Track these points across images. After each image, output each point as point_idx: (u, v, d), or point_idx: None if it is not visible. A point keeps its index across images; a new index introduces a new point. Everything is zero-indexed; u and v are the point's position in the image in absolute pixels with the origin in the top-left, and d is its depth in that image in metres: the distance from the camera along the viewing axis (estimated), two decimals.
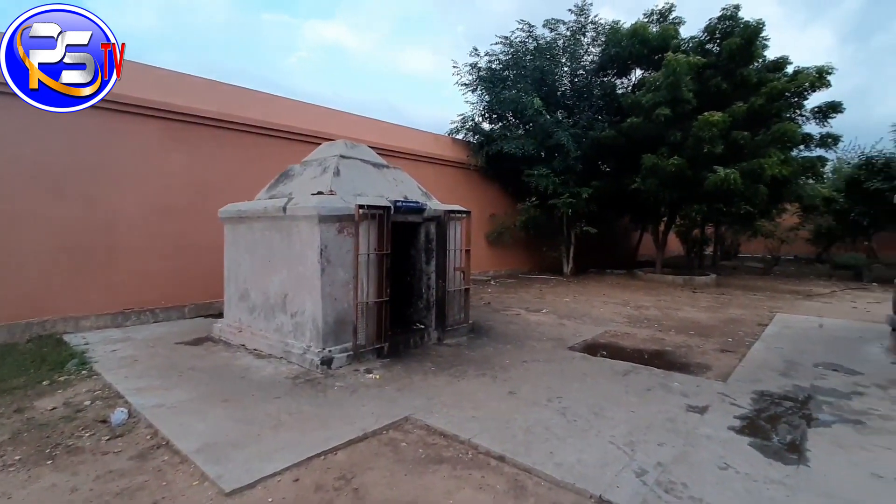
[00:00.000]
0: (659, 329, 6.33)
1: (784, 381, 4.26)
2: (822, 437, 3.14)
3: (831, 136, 11.63)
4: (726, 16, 10.80)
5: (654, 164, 9.88)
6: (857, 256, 14.71)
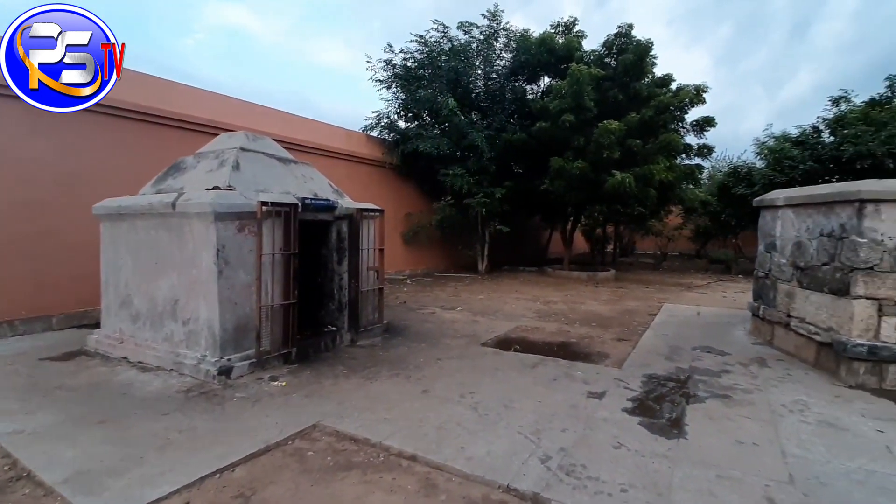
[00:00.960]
0: (565, 322, 6.76)
1: (668, 364, 4.77)
2: (697, 412, 3.56)
3: (706, 146, 13.31)
4: (621, 33, 11.86)
5: (560, 166, 10.56)
6: (727, 252, 17.02)
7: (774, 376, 4.41)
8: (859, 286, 4.27)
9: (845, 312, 4.36)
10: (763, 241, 6.16)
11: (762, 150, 15.00)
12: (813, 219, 5.01)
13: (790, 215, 5.47)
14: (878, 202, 4.25)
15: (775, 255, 5.74)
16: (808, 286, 4.99)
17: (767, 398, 3.83)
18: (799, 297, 5.14)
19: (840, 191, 4.68)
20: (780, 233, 5.68)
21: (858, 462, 2.81)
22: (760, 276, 6.12)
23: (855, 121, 13.07)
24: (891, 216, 4.22)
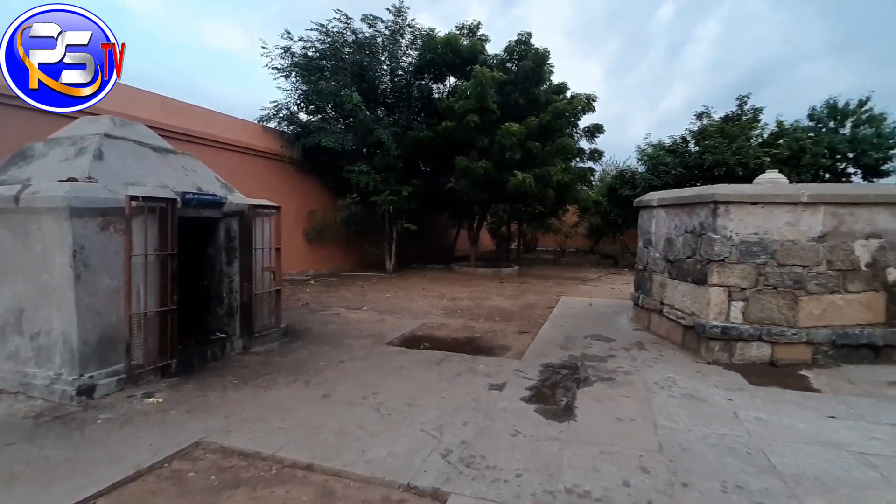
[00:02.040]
0: (470, 318, 6.97)
1: (563, 353, 5.14)
2: (586, 395, 3.87)
3: (597, 151, 14.62)
4: (521, 40, 12.52)
5: (465, 166, 10.87)
6: (616, 248, 18.89)
7: (650, 358, 4.97)
8: (714, 276, 4.98)
9: (704, 299, 5.05)
10: (642, 238, 6.91)
11: (643, 156, 16.89)
12: (680, 218, 5.73)
13: (662, 214, 6.21)
14: (728, 204, 4.98)
15: (651, 250, 6.47)
16: (676, 277, 5.69)
17: (644, 378, 4.30)
18: (669, 286, 5.85)
19: (699, 193, 5.41)
20: (654, 230, 6.42)
21: (712, 428, 3.27)
22: (640, 269, 6.87)
23: (713, 134, 15.27)
24: (737, 216, 4.97)
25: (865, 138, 19.86)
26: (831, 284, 4.88)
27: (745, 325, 4.89)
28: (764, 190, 5.19)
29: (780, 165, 15.16)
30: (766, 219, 4.93)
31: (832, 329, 4.84)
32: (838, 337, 4.81)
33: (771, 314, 4.90)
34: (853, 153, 19.91)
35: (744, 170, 13.69)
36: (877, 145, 19.54)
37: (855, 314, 4.91)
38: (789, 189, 5.26)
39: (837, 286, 4.88)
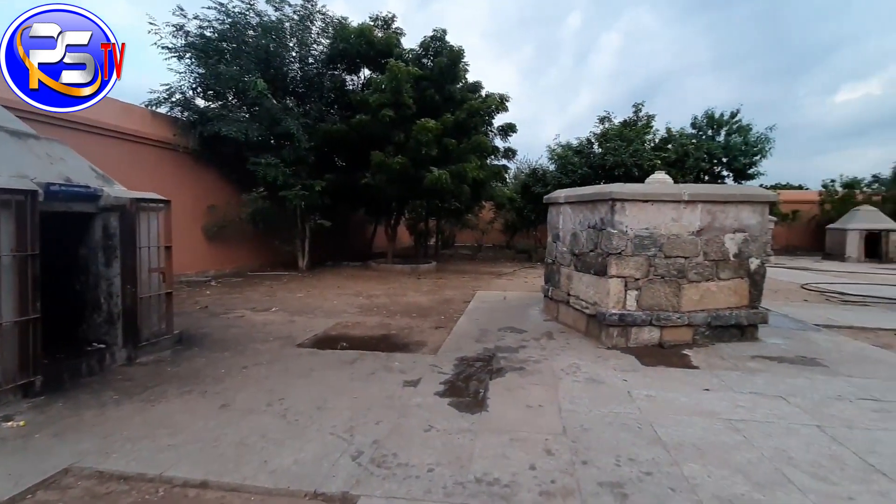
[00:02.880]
0: (387, 315, 6.91)
1: (478, 346, 5.28)
2: (498, 386, 4.01)
3: (511, 149, 15.24)
4: (436, 37, 12.63)
5: (381, 161, 10.73)
6: (530, 243, 19.88)
7: (558, 346, 5.29)
8: (613, 267, 5.42)
9: (604, 289, 5.48)
10: (551, 233, 7.33)
11: (553, 155, 17.94)
12: (583, 214, 6.15)
13: (568, 211, 6.62)
14: (624, 201, 5.44)
15: (559, 245, 6.88)
16: (581, 269, 6.11)
17: (552, 365, 4.56)
18: (575, 278, 6.27)
19: (599, 191, 5.85)
20: (562, 225, 6.83)
21: (609, 407, 3.56)
22: (549, 263, 7.28)
23: (613, 137, 16.66)
24: (632, 212, 5.44)
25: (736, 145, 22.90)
26: (707, 273, 5.54)
27: (638, 312, 5.39)
28: (653, 189, 5.76)
29: (668, 167, 16.98)
30: (656, 215, 5.47)
31: (708, 312, 5.50)
32: (713, 319, 5.48)
33: (659, 301, 5.45)
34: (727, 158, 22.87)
35: (639, 170, 15.11)
36: (745, 152, 22.62)
37: (725, 298, 5.62)
38: (674, 189, 5.87)
39: (712, 274, 5.56)
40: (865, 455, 2.85)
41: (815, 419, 3.37)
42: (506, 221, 21.19)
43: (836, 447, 2.96)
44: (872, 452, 2.89)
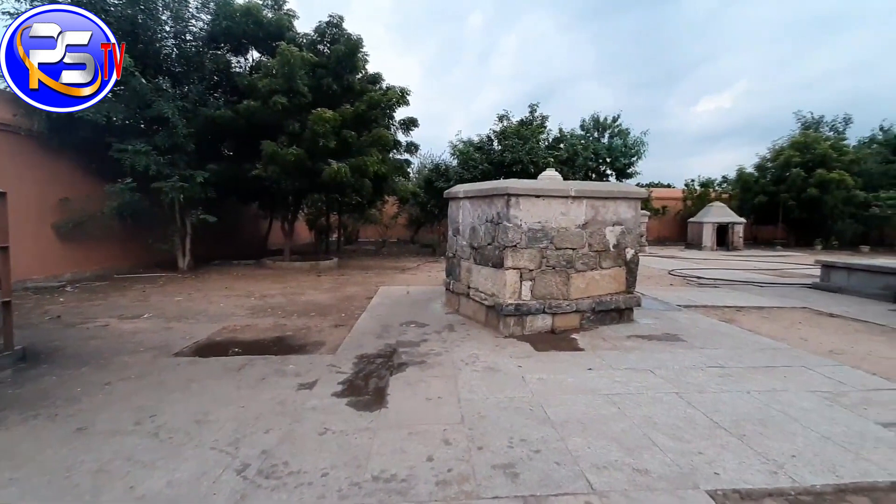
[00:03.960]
0: (282, 315, 6.54)
1: (379, 342, 5.23)
2: (398, 381, 4.01)
3: (413, 144, 15.26)
4: (333, 23, 12.18)
5: (274, 151, 10.09)
6: (434, 237, 20.19)
7: (458, 338, 5.44)
8: (509, 260, 5.70)
9: (501, 280, 5.75)
10: (451, 227, 7.49)
11: (455, 151, 18.38)
12: (482, 208, 6.38)
13: (468, 205, 6.82)
14: (518, 196, 5.74)
15: (459, 239, 7.07)
16: (480, 262, 6.34)
17: (452, 357, 4.68)
18: (475, 271, 6.49)
19: (496, 187, 6.11)
20: (462, 220, 7.02)
21: (505, 393, 3.75)
22: (450, 257, 7.44)
23: (511, 135, 17.54)
24: (526, 206, 5.76)
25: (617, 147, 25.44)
26: (591, 263, 6.08)
27: (532, 301, 5.74)
28: (544, 185, 6.15)
29: (561, 165, 18.34)
30: (547, 209, 5.85)
31: (593, 299, 6.05)
32: (597, 305, 6.03)
33: (551, 290, 5.87)
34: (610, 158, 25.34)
35: (535, 167, 16.09)
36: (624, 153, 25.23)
37: (607, 285, 6.22)
38: (563, 185, 6.34)
39: (595, 264, 6.11)
40: (711, 414, 3.35)
41: (676, 387, 3.88)
42: (410, 216, 21.28)
43: (690, 410, 3.43)
44: (717, 412, 3.40)
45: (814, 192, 22.04)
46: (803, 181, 22.43)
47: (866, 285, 8.95)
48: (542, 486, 2.44)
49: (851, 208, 22.48)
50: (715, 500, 2.38)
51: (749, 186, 25.62)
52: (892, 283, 8.40)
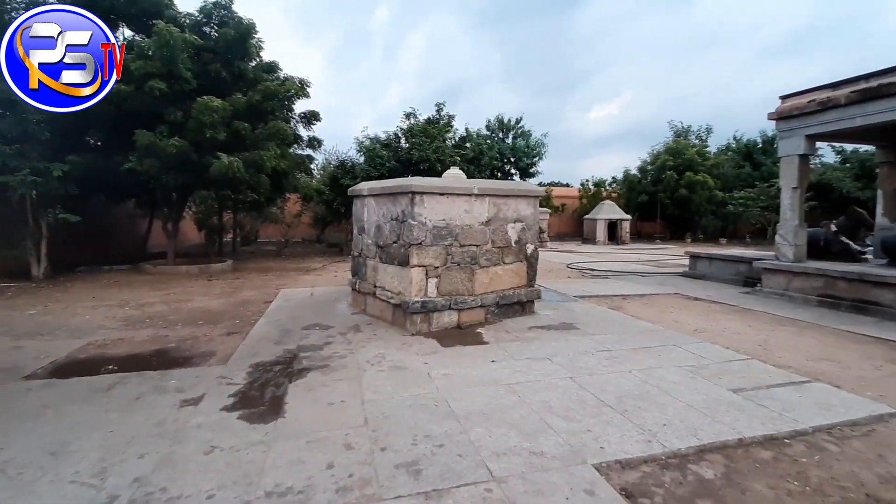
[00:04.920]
0: (164, 326, 5.91)
1: (277, 348, 4.95)
2: (299, 388, 3.83)
3: (316, 139, 14.68)
4: (221, 4, 11.25)
5: (151, 142, 9.06)
6: (341, 236, 19.63)
7: (364, 338, 5.35)
8: (414, 257, 5.72)
9: (407, 278, 5.75)
10: (356, 225, 7.34)
11: (361, 148, 18.04)
12: (386, 206, 6.33)
13: (372, 203, 6.73)
14: (423, 194, 5.78)
15: (365, 237, 6.95)
16: (386, 261, 6.29)
17: (357, 358, 4.58)
18: (381, 270, 6.42)
19: (400, 184, 6.10)
20: (367, 218, 6.90)
21: (410, 391, 3.75)
22: (355, 256, 7.29)
23: (418, 133, 17.65)
24: (430, 204, 5.82)
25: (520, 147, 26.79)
26: (495, 258, 6.33)
27: (438, 298, 5.83)
28: (449, 183, 6.28)
29: (467, 164, 18.88)
30: (451, 207, 5.97)
31: (496, 293, 6.30)
32: (500, 299, 6.29)
33: (457, 286, 6.00)
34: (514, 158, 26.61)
35: (442, 166, 16.34)
36: (527, 153, 26.65)
37: (509, 280, 6.52)
38: (466, 183, 6.51)
39: (498, 260, 6.37)
40: (599, 394, 3.67)
41: (569, 372, 4.19)
42: (315, 214, 20.49)
43: (581, 392, 3.72)
44: (604, 391, 3.73)
45: (684, 192, 25.19)
46: (676, 182, 25.53)
47: (723, 272, 10.44)
48: (445, 480, 2.48)
49: (713, 206, 26.07)
50: (600, 471, 2.60)
51: (633, 186, 28.54)
52: (742, 270, 9.89)
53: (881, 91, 6.86)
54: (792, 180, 8.41)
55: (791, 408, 3.44)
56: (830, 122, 7.69)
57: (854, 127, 7.47)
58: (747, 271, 9.56)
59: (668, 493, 2.44)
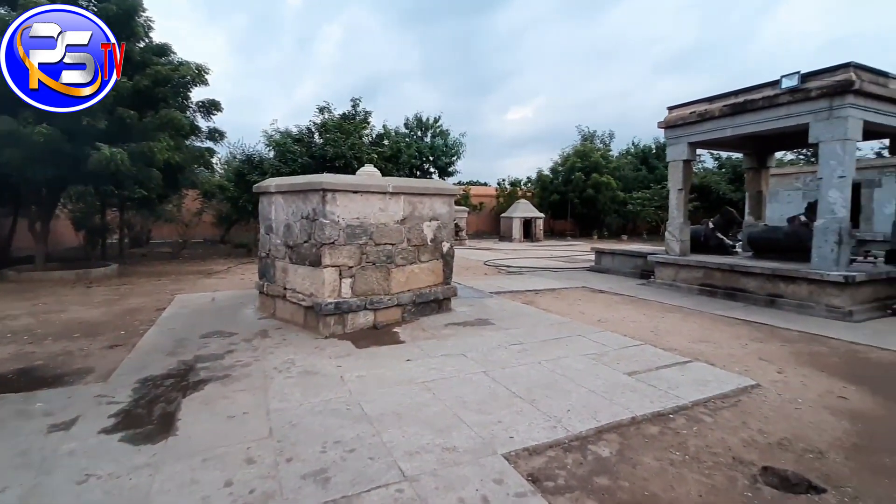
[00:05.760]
0: (29, 341, 5.14)
1: (170, 360, 4.53)
2: (194, 402, 3.54)
3: (217, 131, 13.60)
4: None
5: (12, 130, 7.82)
6: (249, 236, 18.45)
7: (272, 344, 5.08)
8: (327, 257, 5.55)
9: (319, 279, 5.56)
10: (263, 225, 6.94)
11: (270, 142, 17.10)
12: (296, 204, 6.06)
13: (281, 201, 6.41)
14: (335, 191, 5.61)
15: (273, 237, 6.60)
16: (296, 261, 6.03)
17: (263, 366, 4.34)
18: (291, 271, 6.14)
19: (310, 181, 5.87)
20: (274, 216, 6.56)
21: (322, 396, 3.63)
22: (263, 257, 6.90)
23: (333, 128, 17.14)
24: (342, 202, 5.67)
25: (439, 146, 27.10)
26: (411, 257, 6.33)
27: (353, 299, 5.71)
28: (362, 180, 6.17)
29: (385, 162, 18.70)
30: (365, 205, 5.87)
31: (413, 292, 6.31)
32: (417, 297, 6.32)
33: (372, 286, 5.92)
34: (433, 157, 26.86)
35: (358, 163, 16.03)
36: (445, 152, 27.02)
37: (426, 278, 6.56)
38: (381, 181, 6.44)
39: (415, 258, 6.38)
40: (510, 386, 3.83)
41: (483, 367, 4.31)
42: (219, 213, 19.07)
43: (494, 385, 3.85)
44: (515, 383, 3.89)
45: (591, 192, 27.13)
46: (584, 183, 27.41)
47: (624, 266, 11.41)
48: (355, 485, 2.43)
49: (616, 206, 28.35)
50: (509, 460, 2.71)
51: (546, 186, 30.15)
52: (639, 264, 10.87)
53: (746, 106, 7.90)
54: (678, 183, 9.40)
55: (675, 386, 3.84)
56: (707, 132, 8.71)
57: (726, 136, 8.53)
58: (643, 265, 10.53)
59: (570, 474, 2.61)
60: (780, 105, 7.39)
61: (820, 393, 3.85)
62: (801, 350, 5.08)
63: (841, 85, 6.61)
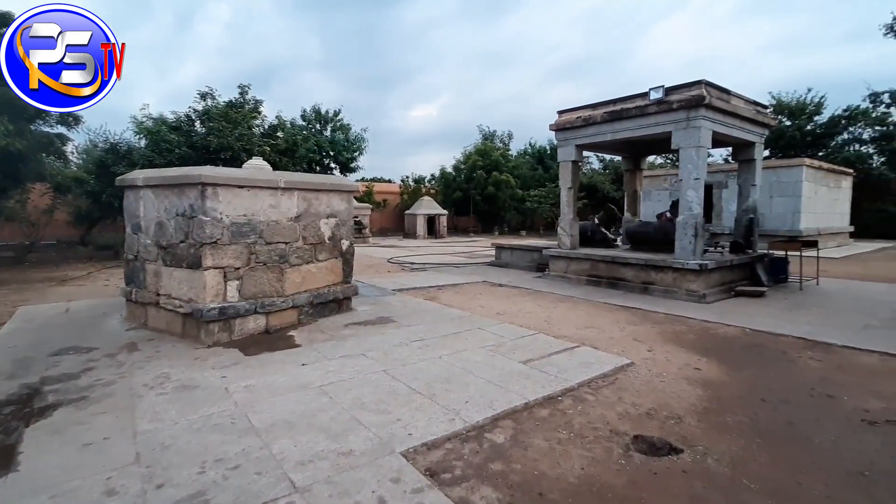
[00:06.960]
0: None
1: (10, 384, 3.84)
2: (40, 431, 3.03)
3: (71, 114, 11.86)
4: None
5: None
6: (116, 236, 16.28)
7: (143, 358, 4.54)
8: (208, 259, 5.09)
9: (200, 283, 5.09)
10: (130, 223, 6.18)
11: (141, 130, 15.26)
12: (170, 200, 5.48)
13: (151, 196, 5.74)
14: (216, 186, 5.16)
15: (142, 236, 5.90)
16: (171, 264, 5.45)
17: (130, 383, 3.85)
18: (165, 275, 5.54)
19: (186, 174, 5.34)
20: (143, 213, 5.86)
21: (202, 411, 3.32)
22: (131, 259, 6.14)
23: (217, 117, 15.77)
24: (226, 198, 5.24)
25: (340, 141, 26.31)
26: (307, 256, 6.06)
27: (241, 302, 5.31)
28: (249, 174, 5.75)
29: (280, 155, 17.67)
30: (253, 201, 5.49)
31: (310, 292, 6.05)
32: (314, 298, 6.06)
33: (263, 288, 5.56)
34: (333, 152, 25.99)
35: (248, 156, 14.94)
36: (346, 147, 26.31)
37: (324, 277, 6.33)
38: (270, 175, 6.06)
39: (311, 257, 6.12)
40: (410, 382, 3.83)
41: (383, 365, 4.27)
42: (77, 210, 16.58)
43: (394, 383, 3.83)
44: (415, 379, 3.91)
45: (492, 189, 28.29)
46: (485, 181, 28.49)
47: (522, 260, 12.06)
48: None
49: (515, 203, 29.90)
50: (407, 458, 2.71)
51: (449, 184, 30.82)
52: (535, 258, 11.56)
53: (622, 114, 8.76)
54: (567, 182, 10.15)
55: (564, 370, 4.15)
56: (591, 136, 9.52)
57: (607, 140, 9.39)
58: (539, 258, 11.22)
59: (467, 464, 2.68)
60: (650, 114, 8.32)
61: (680, 366, 4.41)
62: (666, 330, 5.78)
63: (695, 99, 7.62)
